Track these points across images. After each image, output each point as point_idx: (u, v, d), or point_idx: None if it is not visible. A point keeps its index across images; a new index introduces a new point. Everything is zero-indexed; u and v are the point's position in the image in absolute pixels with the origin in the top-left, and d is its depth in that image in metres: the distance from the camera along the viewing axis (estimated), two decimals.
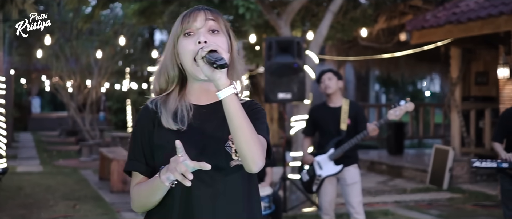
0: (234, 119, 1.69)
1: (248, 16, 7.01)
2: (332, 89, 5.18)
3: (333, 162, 5.16)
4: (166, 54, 1.87)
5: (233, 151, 1.79)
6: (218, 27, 1.83)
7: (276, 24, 8.15)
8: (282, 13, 8.50)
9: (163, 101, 1.86)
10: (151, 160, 1.85)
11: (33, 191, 9.08)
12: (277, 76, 6.71)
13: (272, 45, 6.72)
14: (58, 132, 23.65)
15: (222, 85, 1.68)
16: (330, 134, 5.23)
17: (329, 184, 5.25)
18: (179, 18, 1.87)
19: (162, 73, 1.88)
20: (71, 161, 13.55)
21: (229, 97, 1.68)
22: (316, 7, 9.75)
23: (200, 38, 1.78)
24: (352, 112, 5.21)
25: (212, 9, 1.87)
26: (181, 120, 1.81)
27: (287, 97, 6.72)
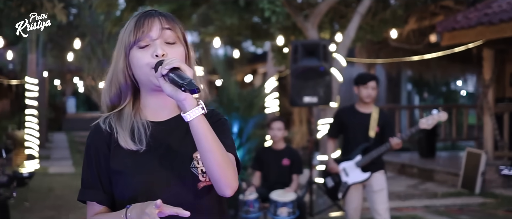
0: (203, 141, 1.56)
1: (274, 19, 6.97)
2: (371, 99, 5.10)
3: (360, 169, 5.08)
4: (116, 65, 1.68)
5: (200, 171, 1.66)
6: (175, 37, 1.66)
7: (303, 27, 8.10)
8: (310, 15, 8.44)
9: (117, 118, 1.69)
10: (108, 186, 1.68)
11: (63, 192, 9.19)
12: (303, 80, 6.65)
13: (298, 49, 6.68)
14: None
15: (189, 106, 1.54)
16: (357, 139, 5.13)
17: (355, 191, 5.17)
18: (129, 23, 1.68)
19: (113, 86, 1.69)
20: None
21: (197, 119, 1.55)
22: (345, 9, 9.65)
23: (158, 51, 1.62)
24: (381, 120, 5.12)
25: (167, 14, 1.70)
26: (139, 139, 1.65)
27: (313, 101, 6.66)
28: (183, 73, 1.54)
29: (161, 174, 1.64)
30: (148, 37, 1.64)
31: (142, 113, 1.72)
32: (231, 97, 7.50)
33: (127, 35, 1.66)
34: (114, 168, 1.66)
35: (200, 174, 1.65)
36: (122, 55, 1.67)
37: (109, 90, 1.71)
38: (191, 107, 1.54)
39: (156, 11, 1.70)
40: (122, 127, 1.67)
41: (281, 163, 5.69)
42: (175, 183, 1.63)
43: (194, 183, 1.65)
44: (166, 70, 1.54)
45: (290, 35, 9.59)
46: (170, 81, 1.54)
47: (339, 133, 5.43)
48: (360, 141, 5.10)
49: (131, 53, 1.66)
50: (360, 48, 12.54)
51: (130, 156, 1.64)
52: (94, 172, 1.68)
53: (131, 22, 1.68)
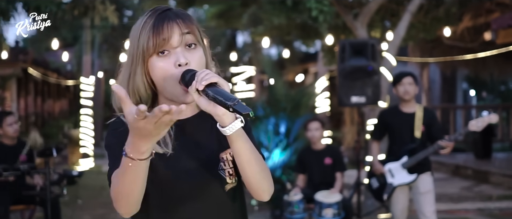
0: (242, 155, 1.53)
1: (321, 18, 6.93)
2: (410, 95, 4.96)
3: (406, 170, 4.98)
4: (135, 73, 1.58)
5: (227, 173, 1.63)
6: (195, 39, 1.58)
7: (353, 26, 8.01)
8: (360, 14, 8.34)
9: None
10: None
11: None
12: (351, 79, 6.57)
13: (345, 48, 6.60)
14: None
15: (228, 120, 1.48)
16: (403, 140, 5.02)
17: (401, 193, 5.07)
18: (144, 26, 1.56)
19: (132, 94, 1.59)
20: None
21: (237, 132, 1.49)
22: (396, 7, 9.48)
23: (180, 60, 1.54)
24: (426, 119, 4.98)
25: (184, 15, 1.60)
26: (165, 143, 1.58)
27: (361, 101, 6.57)
28: (223, 89, 1.46)
29: (190, 179, 1.60)
30: (168, 45, 1.56)
31: None
32: (278, 98, 7.48)
33: (145, 41, 1.55)
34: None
35: (227, 176, 1.63)
36: (140, 63, 1.57)
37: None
38: (230, 122, 1.48)
39: (171, 10, 1.61)
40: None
41: (323, 163, 5.64)
42: (203, 185, 1.61)
43: (221, 185, 1.63)
44: (202, 86, 1.46)
45: (340, 34, 9.51)
46: (210, 98, 1.45)
47: (382, 134, 5.33)
48: (406, 142, 4.99)
49: (150, 61, 1.57)
50: (413, 47, 12.32)
51: (157, 160, 1.55)
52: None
53: (147, 24, 1.57)
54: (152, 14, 1.58)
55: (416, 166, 4.92)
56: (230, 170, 1.63)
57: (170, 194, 1.60)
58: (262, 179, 1.57)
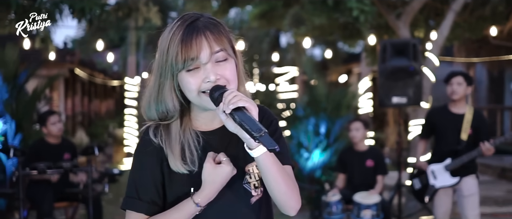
0: (269, 175, 1.54)
1: (362, 18, 6.85)
2: (458, 96, 4.85)
3: (449, 172, 4.89)
4: (163, 86, 1.59)
5: (252, 187, 1.63)
6: (225, 54, 1.55)
7: (395, 25, 7.91)
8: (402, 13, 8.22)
9: (166, 134, 1.61)
10: (159, 198, 1.61)
11: None
12: (392, 80, 6.49)
13: (387, 48, 6.53)
14: None
15: (255, 144, 1.48)
16: (448, 141, 4.93)
17: (444, 195, 4.98)
18: (173, 39, 1.54)
19: (160, 105, 1.61)
20: None
21: (264, 154, 1.50)
22: (440, 6, 9.32)
23: (210, 77, 1.52)
24: (475, 121, 4.87)
25: (213, 29, 1.56)
26: (191, 160, 1.58)
27: (402, 101, 6.48)
28: (251, 116, 1.47)
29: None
30: (197, 62, 1.53)
31: (192, 124, 1.64)
32: (318, 98, 7.45)
33: (174, 56, 1.53)
34: (169, 186, 1.62)
35: (252, 189, 1.63)
36: (169, 77, 1.57)
37: (156, 107, 1.62)
38: (257, 145, 1.49)
39: (200, 20, 1.57)
40: (171, 146, 1.59)
41: (365, 165, 5.59)
42: (228, 199, 1.61)
43: (247, 198, 1.63)
44: (229, 109, 1.47)
45: (382, 34, 9.40)
46: (237, 123, 1.47)
47: (430, 133, 5.25)
48: (451, 143, 4.90)
49: (180, 76, 1.56)
50: (458, 47, 12.08)
51: (184, 178, 1.59)
52: (146, 182, 1.61)
53: (176, 37, 1.54)
54: (181, 25, 1.56)
55: (461, 168, 4.82)
56: (256, 182, 1.64)
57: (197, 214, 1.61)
58: (289, 198, 1.58)
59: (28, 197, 5.38)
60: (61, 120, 5.75)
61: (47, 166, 5.03)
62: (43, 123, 5.63)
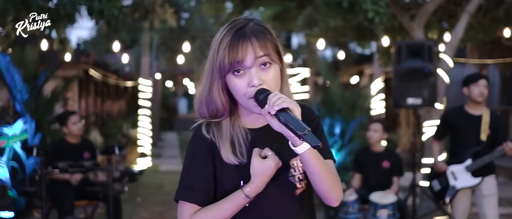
0: (312, 170, 1.65)
1: (377, 20, 6.91)
2: (484, 98, 4.92)
3: (470, 173, 4.94)
4: (212, 86, 1.71)
5: (297, 179, 1.74)
6: (269, 59, 1.67)
7: (409, 27, 7.95)
8: (416, 15, 8.26)
9: (217, 129, 1.74)
10: (211, 190, 1.74)
11: (173, 189, 9.51)
12: (407, 81, 6.53)
13: (401, 49, 6.57)
14: None
15: (299, 142, 1.59)
16: (467, 142, 4.96)
17: (463, 196, 5.03)
18: (222, 43, 1.67)
19: (210, 104, 1.73)
20: None
21: (307, 151, 1.60)
22: (454, 7, 9.35)
23: (254, 82, 1.64)
24: (493, 122, 4.94)
25: (259, 31, 1.67)
26: (240, 152, 1.71)
27: (417, 102, 6.52)
28: (294, 116, 1.57)
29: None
30: (243, 65, 1.65)
31: (240, 120, 1.77)
32: (333, 99, 7.51)
33: (221, 59, 1.66)
34: (220, 178, 1.74)
35: (297, 181, 1.75)
36: (217, 78, 1.69)
37: (207, 107, 1.74)
38: (301, 143, 1.59)
39: (248, 26, 1.68)
40: (222, 140, 1.72)
41: (381, 166, 5.64)
42: (275, 191, 1.72)
43: (292, 190, 1.75)
44: (274, 111, 1.57)
45: (396, 35, 9.44)
46: (282, 123, 1.57)
47: (445, 135, 5.29)
48: (471, 145, 4.94)
49: (227, 77, 1.68)
50: (471, 48, 12.09)
51: (234, 169, 1.72)
52: (200, 174, 1.73)
53: (225, 41, 1.66)
54: (231, 29, 1.68)
55: (480, 168, 4.86)
56: (300, 175, 1.75)
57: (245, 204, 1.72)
58: (331, 190, 1.69)
59: (49, 195, 5.48)
60: (81, 120, 5.84)
61: (69, 165, 5.13)
62: (64, 122, 5.73)
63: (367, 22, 7.47)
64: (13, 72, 6.68)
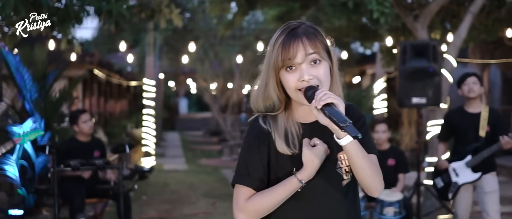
0: (356, 161, 1.79)
1: (382, 20, 6.99)
2: (476, 93, 5.04)
3: (470, 169, 5.04)
4: (268, 83, 1.87)
5: (344, 171, 1.89)
6: (319, 56, 1.82)
7: (413, 27, 8.03)
8: (420, 15, 8.34)
9: (273, 121, 1.90)
10: (265, 176, 1.88)
11: (177, 187, 9.70)
12: (411, 81, 6.62)
13: (406, 49, 6.65)
14: (203, 132, 24.84)
15: (342, 135, 1.74)
16: (467, 140, 5.10)
17: (465, 192, 5.13)
18: (276, 43, 1.83)
19: (266, 99, 1.88)
20: (213, 160, 14.24)
21: (350, 143, 1.75)
22: (457, 8, 9.43)
23: (304, 77, 1.79)
24: (491, 119, 5.04)
25: (310, 32, 1.83)
26: (293, 144, 1.87)
27: (421, 102, 6.61)
28: (338, 110, 1.71)
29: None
30: (294, 62, 1.81)
31: (293, 115, 1.92)
32: None
33: (275, 57, 1.83)
34: (274, 165, 1.88)
35: (344, 173, 1.89)
36: (272, 75, 1.85)
37: (264, 101, 1.90)
38: (344, 135, 1.74)
39: (300, 28, 1.84)
40: (278, 131, 1.88)
41: (386, 164, 5.73)
42: (323, 181, 1.87)
43: (338, 181, 1.89)
44: (320, 105, 1.72)
45: (399, 36, 9.51)
46: (327, 116, 1.72)
47: (449, 136, 5.41)
48: (470, 141, 5.07)
49: (281, 73, 1.84)
50: (473, 48, 12.17)
51: (287, 159, 1.87)
52: (255, 161, 1.88)
53: (278, 41, 1.83)
54: (284, 31, 1.85)
55: (481, 165, 4.98)
56: (346, 167, 1.89)
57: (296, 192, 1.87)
58: (372, 181, 1.84)
59: (60, 193, 5.55)
60: (92, 118, 5.93)
61: (81, 163, 5.21)
62: (75, 121, 5.81)
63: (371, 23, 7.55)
64: (23, 71, 6.77)
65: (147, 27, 12.12)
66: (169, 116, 26.17)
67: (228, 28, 10.13)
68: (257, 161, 1.88)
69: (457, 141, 5.27)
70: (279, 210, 1.88)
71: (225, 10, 9.56)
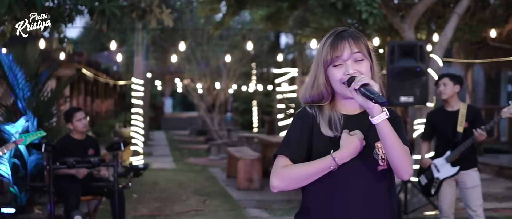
0: (387, 139, 1.99)
1: (371, 20, 7.12)
2: (446, 95, 5.25)
3: (450, 164, 5.25)
4: (318, 77, 2.13)
5: (380, 157, 2.09)
6: (362, 56, 2.08)
7: (400, 28, 8.19)
8: (407, 16, 8.51)
9: (319, 110, 2.14)
10: (302, 153, 2.11)
11: (167, 186, 9.78)
12: (399, 80, 6.77)
13: (394, 49, 6.79)
14: (189, 131, 24.88)
15: (376, 113, 1.97)
16: (447, 137, 5.31)
17: (448, 187, 5.32)
18: (326, 43, 2.11)
19: (315, 90, 2.13)
20: (201, 159, 14.32)
21: (382, 122, 1.97)
22: (442, 9, 9.61)
23: (349, 71, 2.05)
24: (469, 115, 5.23)
25: (355, 36, 2.10)
26: (335, 128, 2.11)
27: (409, 100, 6.77)
28: (372, 88, 1.96)
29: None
30: (341, 59, 2.07)
31: (337, 107, 2.16)
32: None
33: (325, 54, 2.09)
34: (315, 144, 2.11)
35: (380, 159, 2.09)
36: (322, 70, 2.11)
37: (311, 92, 2.15)
38: (378, 114, 1.97)
39: (346, 31, 2.11)
40: (323, 118, 2.13)
41: None
42: (360, 164, 2.07)
43: (374, 165, 2.09)
44: (358, 86, 1.97)
45: (386, 36, 9.68)
46: (362, 94, 1.97)
47: (431, 135, 5.62)
48: (449, 138, 5.27)
49: (328, 69, 2.10)
50: (457, 49, 12.38)
51: (328, 140, 2.10)
52: (297, 138, 2.12)
53: (327, 42, 2.10)
54: (332, 34, 2.13)
55: (462, 161, 5.17)
56: (383, 155, 2.09)
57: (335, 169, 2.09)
58: (402, 161, 2.02)
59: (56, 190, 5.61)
60: (86, 117, 5.99)
61: (76, 161, 5.28)
62: (69, 119, 5.87)
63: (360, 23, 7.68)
64: (16, 70, 6.81)
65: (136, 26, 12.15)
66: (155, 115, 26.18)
67: (218, 28, 10.22)
68: (298, 137, 2.11)
69: (439, 139, 5.52)
70: (314, 188, 2.09)
71: (214, 10, 9.65)
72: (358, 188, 2.07)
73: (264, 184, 9.54)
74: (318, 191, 2.10)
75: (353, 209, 2.07)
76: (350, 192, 2.07)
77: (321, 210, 2.11)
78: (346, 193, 2.07)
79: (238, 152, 10.27)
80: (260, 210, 7.77)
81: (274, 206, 8.05)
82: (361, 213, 2.07)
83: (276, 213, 7.60)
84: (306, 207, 2.15)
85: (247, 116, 26.84)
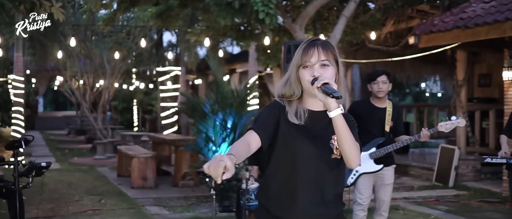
0: (340, 131, 2.34)
1: (268, 20, 7.36)
2: (384, 94, 5.29)
3: (373, 160, 5.31)
4: (291, 77, 2.50)
5: (334, 147, 2.46)
6: (328, 62, 2.44)
7: (292, 28, 8.55)
8: (296, 17, 8.88)
9: (288, 103, 2.53)
10: (268, 132, 2.44)
11: (56, 186, 9.45)
12: None
13: (291, 49, 7.09)
14: (67, 131, 24.02)
15: (333, 107, 2.31)
16: (373, 133, 5.31)
17: (365, 180, 5.38)
18: (299, 49, 2.48)
19: (288, 88, 2.50)
20: (86, 159, 13.93)
21: (338, 116, 2.32)
22: (327, 11, 10.13)
23: (314, 73, 2.41)
24: (394, 114, 5.34)
25: (325, 44, 2.47)
26: (300, 117, 2.49)
27: None
28: (331, 86, 2.30)
29: (309, 141, 2.47)
30: (309, 62, 2.42)
31: (303, 103, 2.52)
32: (225, 95, 7.87)
33: (298, 58, 2.46)
34: (281, 128, 2.48)
35: (334, 148, 2.46)
36: (295, 71, 2.47)
37: (285, 89, 2.51)
38: (334, 108, 2.31)
39: (318, 40, 2.49)
40: (291, 109, 2.50)
41: None
42: (316, 150, 2.45)
43: (329, 153, 2.47)
44: (320, 84, 2.31)
45: (275, 36, 10.03)
46: (322, 91, 2.31)
47: None
48: (376, 134, 5.31)
49: (299, 70, 2.45)
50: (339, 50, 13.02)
51: (294, 126, 2.48)
52: (264, 120, 2.45)
53: (302, 47, 2.47)
54: (307, 41, 2.51)
55: (384, 158, 5.27)
56: (337, 146, 2.45)
57: (296, 151, 2.47)
58: (352, 152, 2.39)
59: None
60: None
61: None
62: None
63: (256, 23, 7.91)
64: None
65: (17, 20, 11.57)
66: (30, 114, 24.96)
67: (108, 25, 10.04)
68: (265, 117, 2.46)
69: (363, 132, 5.48)
70: (276, 167, 2.49)
71: (106, 6, 9.47)
72: (315, 170, 2.46)
73: (159, 182, 9.51)
74: (280, 171, 2.48)
75: (307, 186, 2.44)
76: (307, 173, 2.45)
77: (281, 187, 2.48)
78: (304, 174, 2.45)
79: (130, 151, 10.14)
80: (159, 207, 7.77)
81: (171, 203, 8.08)
82: (314, 191, 2.45)
83: (175, 210, 7.64)
84: (267, 185, 2.53)
85: (127, 115, 26.37)
